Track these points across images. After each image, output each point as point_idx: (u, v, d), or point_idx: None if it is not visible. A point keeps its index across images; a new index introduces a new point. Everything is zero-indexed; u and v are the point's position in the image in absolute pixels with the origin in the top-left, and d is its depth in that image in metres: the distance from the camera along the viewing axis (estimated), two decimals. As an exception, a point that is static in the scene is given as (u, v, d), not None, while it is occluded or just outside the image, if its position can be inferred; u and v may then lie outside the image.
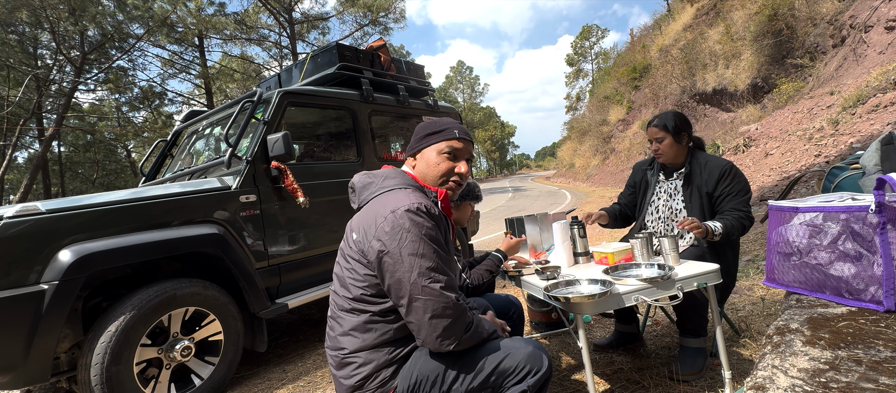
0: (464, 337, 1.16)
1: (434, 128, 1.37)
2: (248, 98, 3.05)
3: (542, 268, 1.80)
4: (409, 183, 1.31)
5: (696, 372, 1.94)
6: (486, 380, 1.17)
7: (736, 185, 2.00)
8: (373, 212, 1.21)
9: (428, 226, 1.16)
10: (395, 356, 1.22)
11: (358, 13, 20.58)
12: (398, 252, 1.12)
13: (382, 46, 4.17)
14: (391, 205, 1.17)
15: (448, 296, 1.13)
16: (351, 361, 1.22)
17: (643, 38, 22.27)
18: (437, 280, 1.12)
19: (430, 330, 1.12)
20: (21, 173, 19.54)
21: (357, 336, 1.22)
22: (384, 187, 1.28)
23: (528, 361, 1.17)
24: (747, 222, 1.95)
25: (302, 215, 2.99)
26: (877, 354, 0.77)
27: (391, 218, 1.15)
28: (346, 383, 1.22)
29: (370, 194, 1.30)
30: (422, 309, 1.11)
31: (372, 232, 1.17)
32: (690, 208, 2.07)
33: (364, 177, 1.36)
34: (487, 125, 65.91)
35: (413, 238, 1.13)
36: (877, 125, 5.79)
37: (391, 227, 1.14)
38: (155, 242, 2.27)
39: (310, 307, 4.22)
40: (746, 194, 2.01)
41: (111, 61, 16.72)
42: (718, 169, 2.02)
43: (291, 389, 2.55)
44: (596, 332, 2.72)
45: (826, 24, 9.30)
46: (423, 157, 1.37)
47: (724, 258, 2.00)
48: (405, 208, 1.15)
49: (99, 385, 2.04)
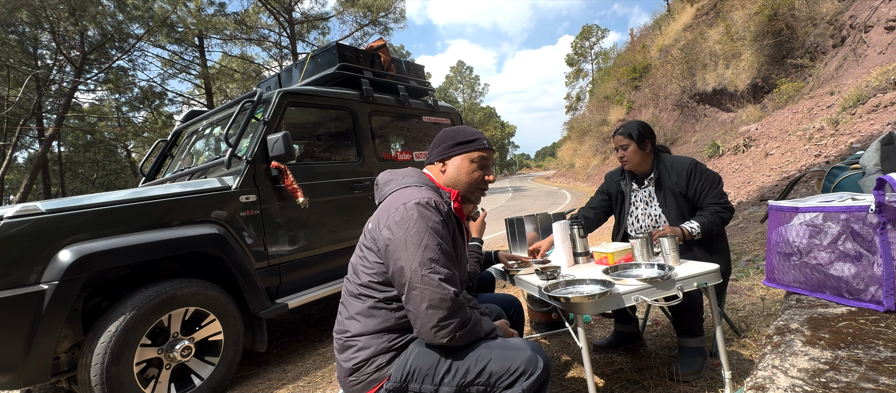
0: (459, 333, 1.18)
1: (465, 136, 1.43)
2: (248, 98, 3.05)
3: (542, 268, 1.80)
4: (425, 182, 1.38)
5: (696, 371, 1.94)
6: (476, 378, 1.18)
7: (706, 180, 2.06)
8: (388, 204, 1.29)
9: (435, 219, 1.22)
10: (393, 344, 1.26)
11: (358, 13, 20.58)
12: (404, 240, 1.18)
13: (382, 46, 4.17)
14: (404, 198, 1.25)
15: (446, 288, 1.16)
16: (352, 343, 1.27)
17: (643, 38, 22.28)
18: (437, 272, 1.16)
19: (425, 319, 1.15)
20: (21, 173, 19.53)
21: (360, 320, 1.28)
22: (402, 184, 1.36)
23: (522, 363, 1.17)
24: (726, 214, 2.00)
25: (302, 215, 2.99)
26: (877, 354, 0.77)
27: (402, 209, 1.22)
28: (345, 366, 1.28)
29: (390, 190, 1.38)
30: (419, 297, 1.15)
31: (384, 221, 1.25)
32: (668, 211, 2.11)
33: (387, 174, 1.45)
34: (487, 125, 65.87)
35: (419, 229, 1.19)
36: (877, 125, 5.79)
37: (401, 216, 1.21)
38: (155, 242, 2.27)
39: (310, 307, 4.22)
40: (718, 185, 2.06)
41: (111, 61, 16.71)
42: (685, 169, 2.08)
43: (291, 389, 2.55)
44: (596, 332, 2.72)
45: (826, 24, 9.30)
46: (454, 164, 1.43)
47: (717, 253, 2.03)
48: (415, 201, 1.23)
49: (99, 385, 2.04)
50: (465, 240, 1.50)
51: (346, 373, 1.27)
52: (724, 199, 2.04)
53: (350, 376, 1.27)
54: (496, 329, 1.31)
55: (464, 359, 1.20)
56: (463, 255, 1.41)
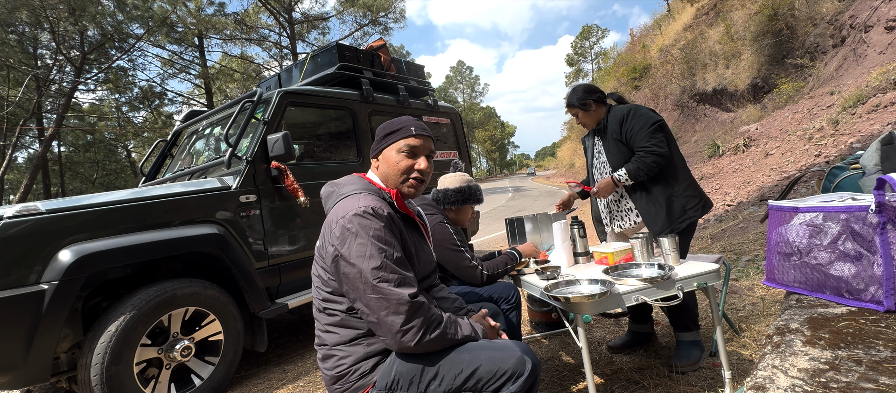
0: (428, 335, 1.15)
1: (391, 127, 1.38)
2: (248, 98, 3.05)
3: (542, 268, 1.80)
4: (365, 187, 1.32)
5: (693, 363, 1.98)
6: (463, 383, 1.15)
7: (636, 123, 2.09)
8: (330, 218, 1.25)
9: (375, 227, 1.18)
10: (373, 350, 1.24)
11: (358, 13, 20.59)
12: (348, 255, 1.16)
13: (382, 46, 4.17)
14: (342, 211, 1.21)
15: (398, 293, 1.13)
16: (332, 354, 1.27)
17: (643, 38, 22.27)
18: (386, 279, 1.14)
19: (386, 328, 1.14)
20: (21, 173, 19.51)
21: (335, 332, 1.27)
22: (341, 194, 1.31)
23: (511, 365, 1.15)
24: (649, 158, 2.01)
25: (302, 215, 2.99)
26: (877, 354, 0.77)
27: (342, 222, 1.18)
28: (329, 374, 1.27)
29: (332, 203, 1.33)
30: (376, 307, 1.14)
31: (328, 237, 1.22)
32: (611, 157, 2.19)
33: (328, 186, 1.40)
34: (487, 125, 65.90)
35: (361, 241, 1.16)
36: (877, 125, 5.79)
37: (341, 231, 1.18)
38: (155, 242, 2.26)
39: (310, 307, 4.21)
40: (648, 128, 2.04)
41: (111, 61, 16.71)
42: (619, 115, 2.16)
43: (291, 389, 2.55)
44: (596, 332, 2.72)
45: (826, 24, 9.30)
46: (383, 157, 1.38)
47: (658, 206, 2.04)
48: (353, 212, 1.18)
49: (99, 385, 2.04)
50: (424, 233, 1.46)
51: (331, 381, 1.27)
52: (652, 142, 2.03)
53: (335, 384, 1.26)
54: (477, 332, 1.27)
55: (450, 364, 1.17)
56: (421, 250, 1.38)
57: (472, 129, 60.66)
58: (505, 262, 1.92)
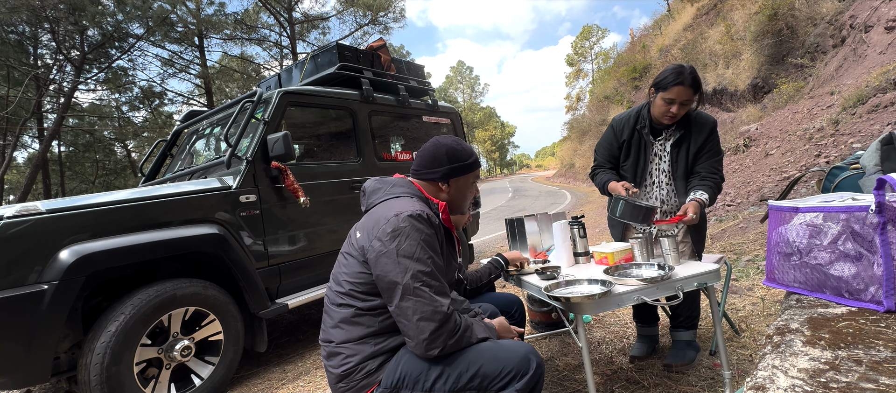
0: (449, 343, 1.18)
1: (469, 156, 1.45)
2: (248, 98, 3.05)
3: (542, 268, 1.80)
4: (415, 193, 1.37)
5: (688, 363, 1.98)
6: (468, 382, 1.18)
7: (716, 143, 1.94)
8: (377, 214, 1.27)
9: (427, 232, 1.22)
10: (380, 348, 1.25)
11: (358, 13, 20.57)
12: (395, 253, 1.17)
13: (382, 46, 4.17)
14: (396, 209, 1.24)
15: (437, 301, 1.16)
16: (339, 351, 1.27)
17: (643, 39, 22.27)
18: (429, 285, 1.16)
19: (417, 331, 1.15)
20: (21, 173, 19.51)
21: (345, 328, 1.28)
22: (392, 193, 1.35)
23: (515, 365, 1.17)
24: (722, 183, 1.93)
25: (302, 215, 2.99)
26: (877, 355, 0.77)
27: (394, 220, 1.20)
28: (334, 372, 1.28)
29: (378, 199, 1.36)
30: (411, 310, 1.15)
31: (374, 232, 1.23)
32: (675, 171, 1.96)
33: (374, 182, 1.43)
34: (487, 125, 65.87)
35: (411, 242, 1.18)
36: (877, 125, 5.78)
37: (393, 228, 1.19)
38: (155, 242, 2.26)
39: (310, 307, 4.21)
40: (722, 153, 1.97)
41: (111, 61, 16.70)
42: (708, 125, 1.93)
43: (291, 389, 2.55)
44: (596, 332, 2.72)
45: (826, 24, 9.29)
46: (457, 185, 1.44)
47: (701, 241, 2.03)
48: (408, 213, 1.21)
49: (99, 385, 2.04)
50: (456, 249, 1.51)
51: (335, 379, 1.27)
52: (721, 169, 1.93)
53: (339, 383, 1.27)
54: (490, 334, 1.29)
55: (455, 363, 1.19)
56: (452, 264, 1.43)
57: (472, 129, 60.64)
58: (488, 272, 1.94)
